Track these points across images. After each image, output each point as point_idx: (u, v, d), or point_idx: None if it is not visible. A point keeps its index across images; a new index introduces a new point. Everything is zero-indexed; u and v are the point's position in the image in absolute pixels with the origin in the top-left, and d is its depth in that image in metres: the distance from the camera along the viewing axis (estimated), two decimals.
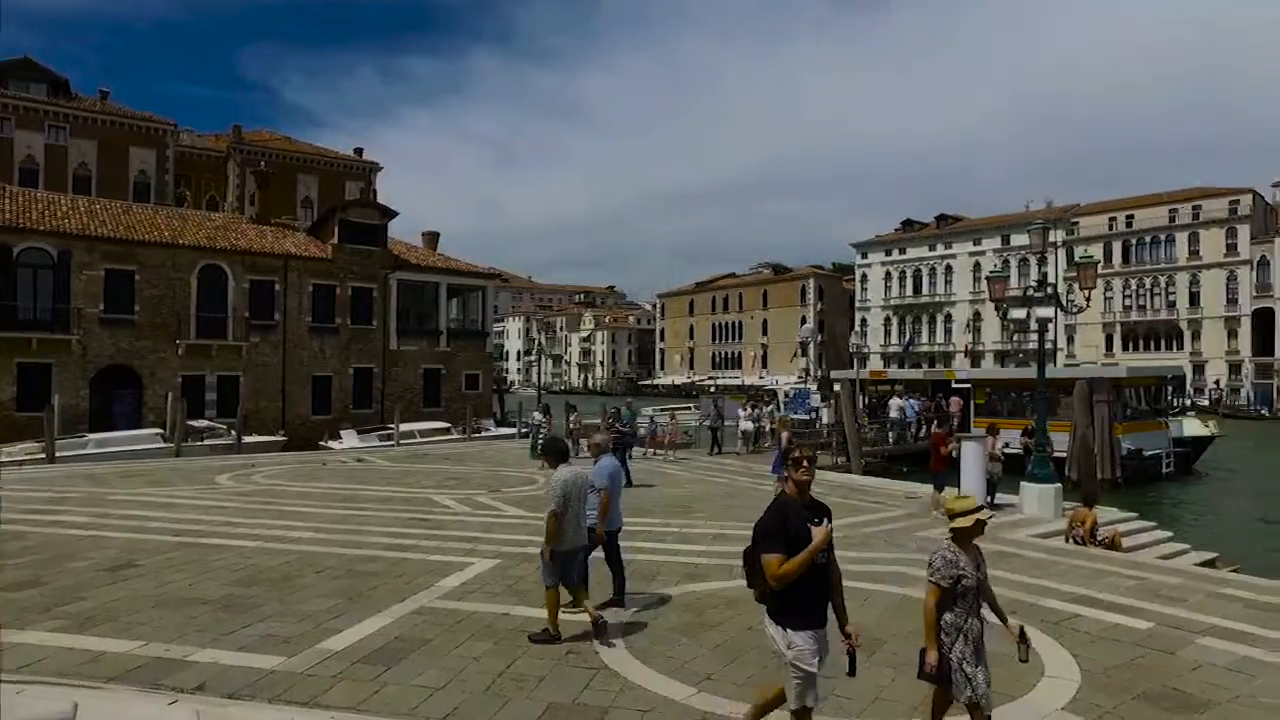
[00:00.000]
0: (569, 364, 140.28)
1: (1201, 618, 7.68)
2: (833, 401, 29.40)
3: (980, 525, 4.46)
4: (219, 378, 30.66)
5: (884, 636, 6.97)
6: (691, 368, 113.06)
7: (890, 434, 27.12)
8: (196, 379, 30.11)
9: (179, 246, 30.15)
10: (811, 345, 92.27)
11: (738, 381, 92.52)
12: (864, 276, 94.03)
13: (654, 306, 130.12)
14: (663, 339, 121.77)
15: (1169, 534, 13.64)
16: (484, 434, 31.68)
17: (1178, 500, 22.77)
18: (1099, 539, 11.48)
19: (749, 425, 24.67)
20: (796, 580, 4.00)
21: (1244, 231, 68.44)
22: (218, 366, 30.65)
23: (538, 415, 22.52)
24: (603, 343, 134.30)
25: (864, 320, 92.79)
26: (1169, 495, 23.29)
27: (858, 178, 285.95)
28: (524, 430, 20.96)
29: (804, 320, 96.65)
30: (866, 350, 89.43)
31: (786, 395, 38.28)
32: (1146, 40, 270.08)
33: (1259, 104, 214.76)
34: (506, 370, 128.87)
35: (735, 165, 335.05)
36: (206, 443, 26.27)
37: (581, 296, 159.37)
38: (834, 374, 39.42)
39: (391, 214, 35.53)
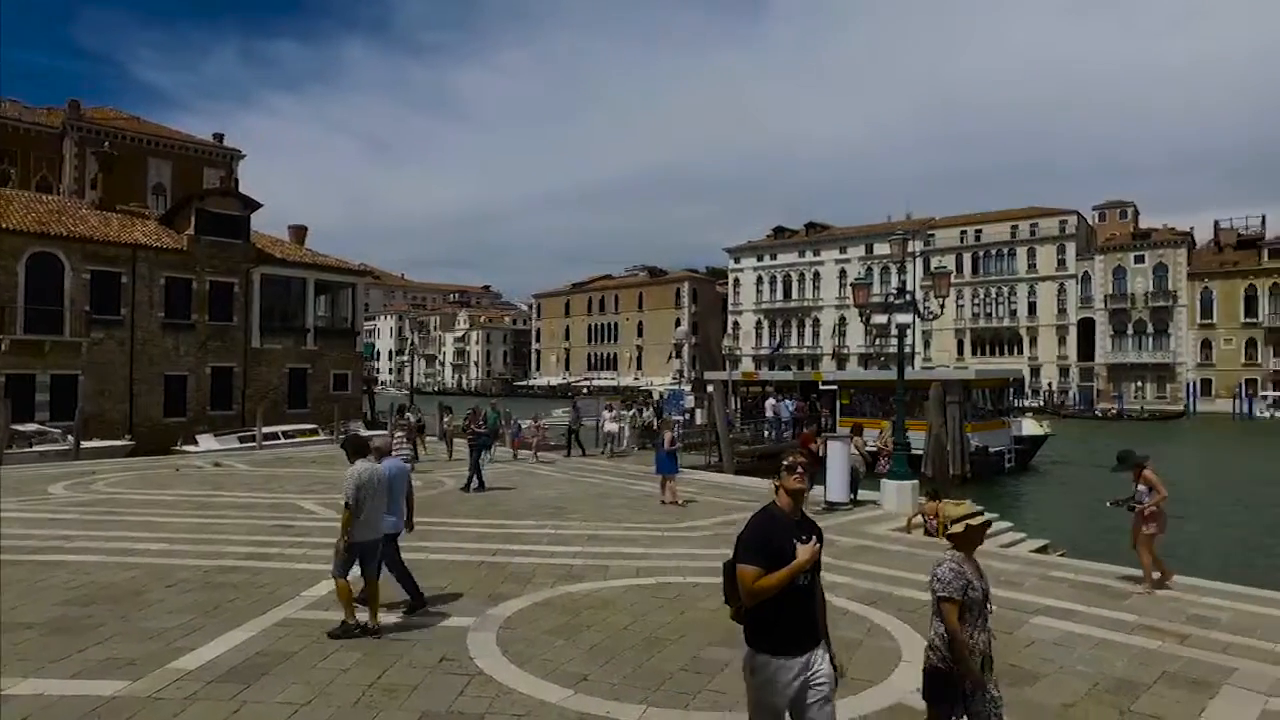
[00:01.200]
0: (443, 364, 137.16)
1: (1034, 599, 8.41)
2: (706, 403, 30.10)
3: (975, 531, 4.18)
4: (53, 377, 28.05)
5: None
6: (567, 369, 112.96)
7: (768, 433, 28.04)
8: (25, 379, 27.42)
9: (0, 230, 27.40)
10: (686, 347, 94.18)
11: (613, 383, 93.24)
12: (737, 281, 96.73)
13: (530, 307, 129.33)
14: (538, 339, 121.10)
15: (1009, 524, 14.73)
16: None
17: (1017, 493, 24.70)
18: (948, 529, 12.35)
19: (613, 427, 24.61)
20: (773, 601, 3.62)
21: (1071, 249, 75.25)
22: (52, 365, 28.05)
23: (411, 418, 21.94)
24: (477, 343, 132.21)
25: (736, 323, 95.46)
26: (1010, 488, 25.23)
27: (732, 183, 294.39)
28: (400, 434, 20.34)
29: (679, 323, 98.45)
30: (739, 353, 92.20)
31: (661, 396, 38.92)
32: (993, 77, 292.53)
33: (1082, 137, 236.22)
34: (378, 370, 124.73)
35: (613, 167, 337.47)
36: (36, 449, 23.97)
37: (456, 296, 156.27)
38: (707, 375, 40.35)
39: (255, 205, 33.66)
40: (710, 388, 28.41)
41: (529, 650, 6.61)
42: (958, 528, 4.18)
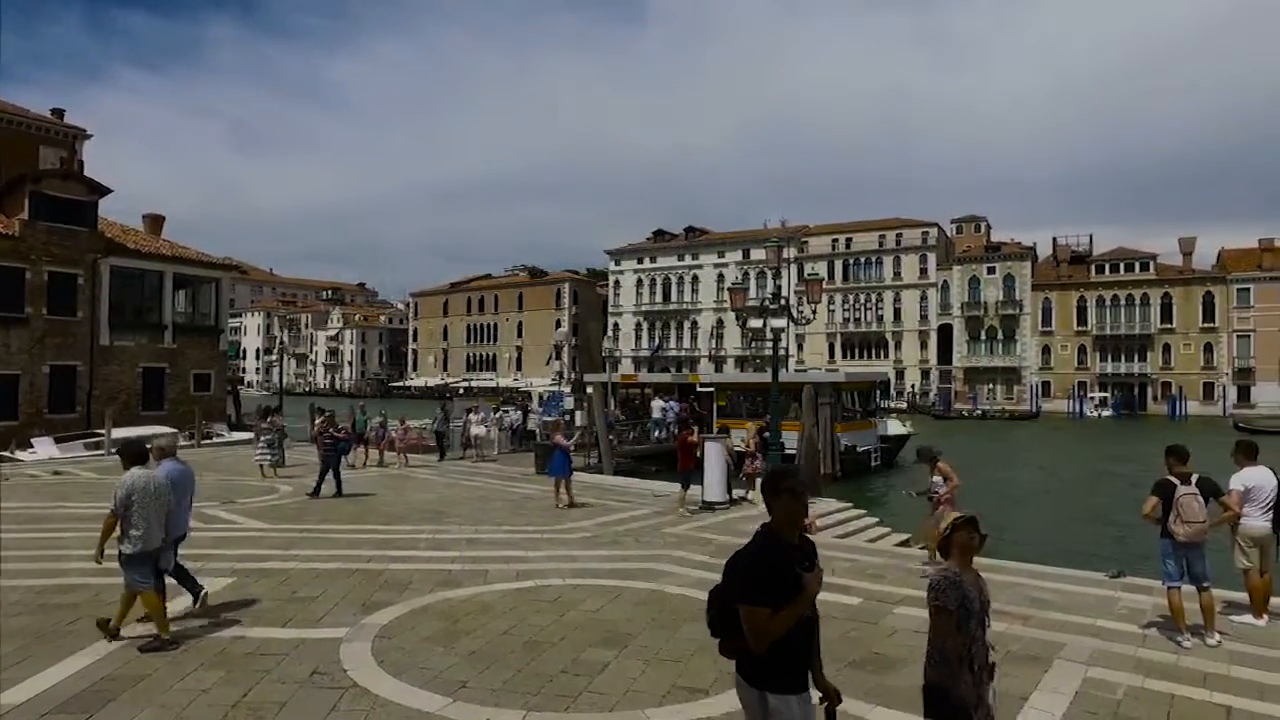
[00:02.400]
0: (315, 364, 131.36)
1: (897, 590, 8.92)
2: (586, 404, 30.16)
3: (958, 535, 3.99)
4: None
5: (634, 631, 7.31)
6: (446, 369, 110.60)
7: (653, 434, 28.37)
8: None
9: None
10: (566, 348, 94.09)
11: (492, 384, 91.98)
12: (617, 283, 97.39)
13: (407, 306, 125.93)
14: (415, 339, 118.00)
15: (876, 519, 15.56)
16: (216, 439, 28.78)
17: (882, 489, 26.01)
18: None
19: (480, 430, 23.98)
20: (785, 636, 3.29)
21: (932, 258, 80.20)
22: None
23: (279, 420, 20.87)
24: (352, 342, 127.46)
25: (616, 325, 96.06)
26: (876, 485, 26.55)
27: (613, 185, 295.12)
28: (266, 438, 19.34)
29: (559, 324, 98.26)
30: (618, 354, 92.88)
31: (541, 398, 38.72)
32: (858, 96, 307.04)
33: (942, 154, 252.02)
34: (244, 370, 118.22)
35: (494, 165, 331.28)
36: None
37: (329, 293, 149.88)
38: (587, 377, 40.47)
39: (103, 190, 31.14)
40: (590, 389, 28.48)
41: (406, 659, 6.46)
42: (947, 532, 4.08)
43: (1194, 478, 7.16)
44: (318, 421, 17.24)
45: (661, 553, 10.81)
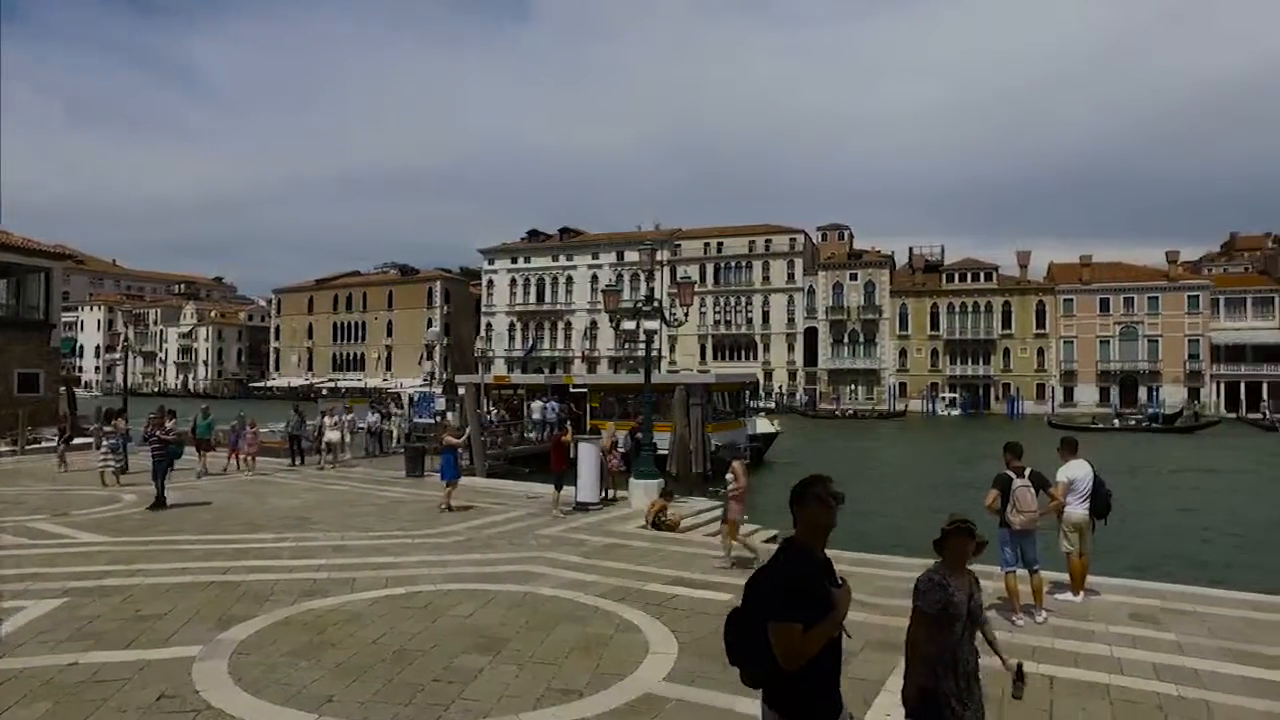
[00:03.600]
0: (165, 362, 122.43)
1: None
2: (458, 406, 29.56)
3: (951, 539, 3.99)
4: None
5: (508, 635, 7.27)
6: (310, 369, 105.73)
7: (535, 434, 28.11)
8: None
9: None
10: (437, 348, 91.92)
11: (360, 384, 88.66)
12: (490, 282, 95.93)
13: (269, 302, 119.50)
14: (278, 338, 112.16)
15: (746, 517, 16.05)
16: (45, 445, 26.29)
17: (752, 486, 26.85)
18: (663, 521, 13.16)
19: (334, 435, 22.67)
20: (819, 659, 3.10)
21: (799, 264, 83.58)
22: None
23: (122, 423, 19.31)
24: (207, 339, 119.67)
25: (490, 325, 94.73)
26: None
27: (487, 184, 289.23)
28: (111, 442, 17.88)
29: (431, 323, 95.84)
30: (492, 354, 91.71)
31: (412, 399, 37.63)
32: (736, 103, 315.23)
33: (809, 163, 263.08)
34: (81, 369, 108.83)
35: (364, 159, 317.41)
36: None
37: (182, 287, 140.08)
38: (459, 378, 39.67)
39: None
40: (462, 390, 27.96)
41: (267, 676, 6.15)
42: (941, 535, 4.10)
43: (1027, 471, 7.88)
44: (170, 424, 15.97)
45: (535, 555, 10.78)
